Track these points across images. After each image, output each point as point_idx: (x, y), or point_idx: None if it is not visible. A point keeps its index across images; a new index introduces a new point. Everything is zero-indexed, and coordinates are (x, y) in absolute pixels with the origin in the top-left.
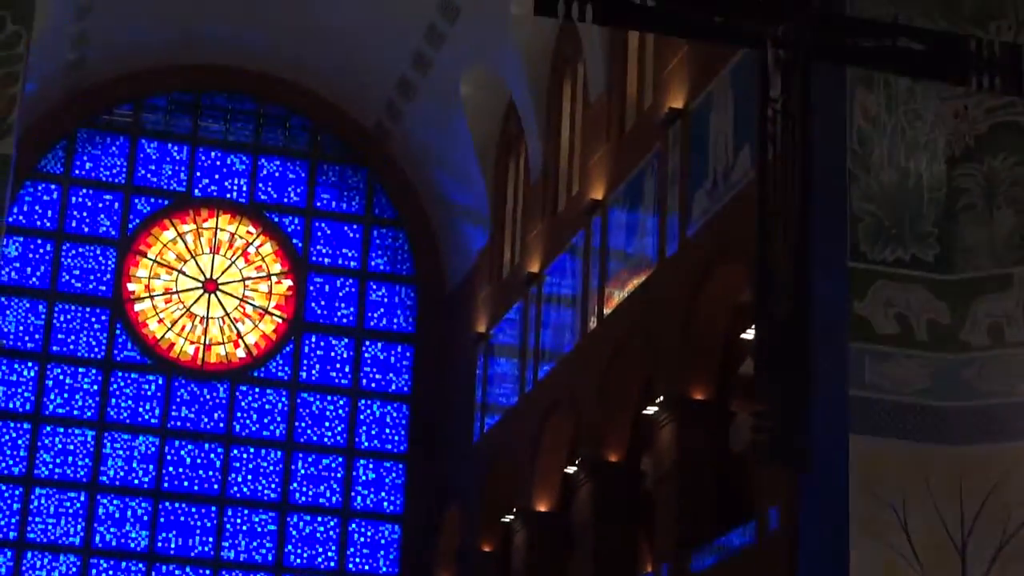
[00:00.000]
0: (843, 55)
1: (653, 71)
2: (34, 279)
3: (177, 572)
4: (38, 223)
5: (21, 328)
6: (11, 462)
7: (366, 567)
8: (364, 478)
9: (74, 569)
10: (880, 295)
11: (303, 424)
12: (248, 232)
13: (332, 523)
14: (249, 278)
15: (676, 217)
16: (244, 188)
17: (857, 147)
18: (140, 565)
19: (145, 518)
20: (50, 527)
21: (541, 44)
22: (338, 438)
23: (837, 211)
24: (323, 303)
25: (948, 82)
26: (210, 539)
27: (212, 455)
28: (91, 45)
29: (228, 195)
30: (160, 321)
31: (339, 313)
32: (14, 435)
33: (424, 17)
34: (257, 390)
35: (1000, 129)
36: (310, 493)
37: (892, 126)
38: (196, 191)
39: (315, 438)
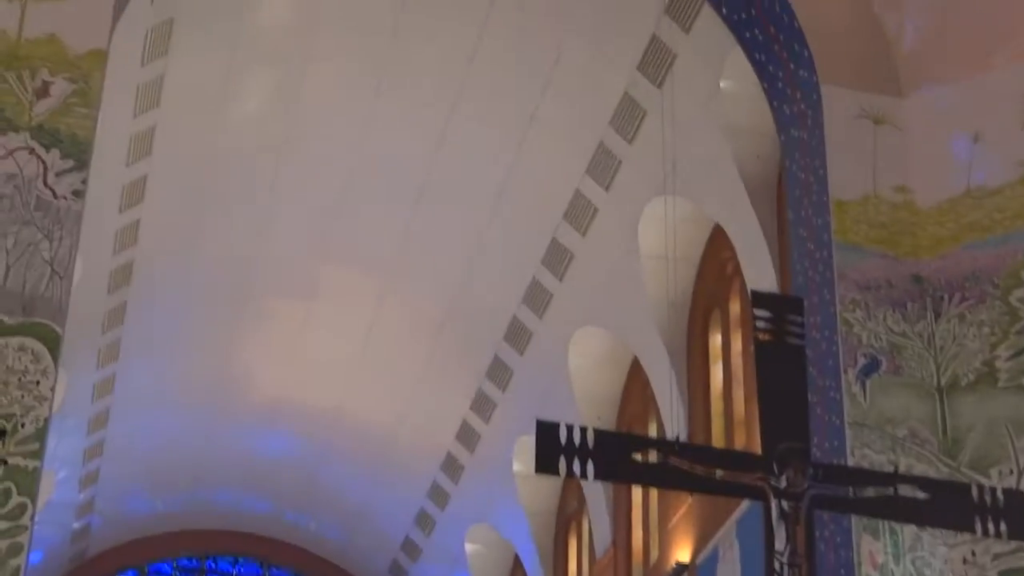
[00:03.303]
0: (845, 505)
1: (658, 524)
2: None
3: None
4: None
5: None
6: None
7: None
8: None
9: None
10: None
11: None
12: None
13: None
14: None
15: None
16: None
17: None
18: None
19: None
20: None
21: (545, 500)
22: None
23: None
24: None
25: (953, 529)
26: None
27: None
28: (96, 513)
29: None
30: None
31: None
32: None
33: (427, 476)
34: None
35: (1009, 575)
36: None
37: (901, 574)
38: None
39: None
